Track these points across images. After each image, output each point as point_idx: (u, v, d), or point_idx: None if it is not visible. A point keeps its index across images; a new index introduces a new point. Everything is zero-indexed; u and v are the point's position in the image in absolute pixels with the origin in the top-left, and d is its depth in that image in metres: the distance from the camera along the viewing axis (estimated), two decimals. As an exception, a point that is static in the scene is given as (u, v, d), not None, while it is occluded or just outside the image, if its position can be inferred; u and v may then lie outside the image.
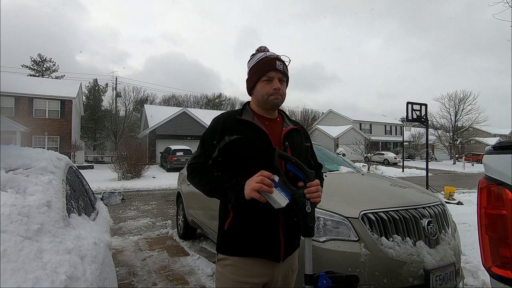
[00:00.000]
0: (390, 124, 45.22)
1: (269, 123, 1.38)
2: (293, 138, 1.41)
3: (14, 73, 29.05)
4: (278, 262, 1.29)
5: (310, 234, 1.18)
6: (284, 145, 1.34)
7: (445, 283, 2.15)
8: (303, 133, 1.50)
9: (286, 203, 1.14)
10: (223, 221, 1.33)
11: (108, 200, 2.81)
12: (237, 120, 1.34)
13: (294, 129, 1.44)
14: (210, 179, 1.27)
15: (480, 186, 1.29)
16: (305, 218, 1.17)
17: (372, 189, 2.83)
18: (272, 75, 1.34)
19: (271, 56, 1.37)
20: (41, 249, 1.00)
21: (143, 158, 16.95)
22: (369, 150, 25.82)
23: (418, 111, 9.83)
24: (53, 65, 38.60)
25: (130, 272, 3.52)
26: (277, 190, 1.14)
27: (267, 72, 1.34)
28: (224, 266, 1.30)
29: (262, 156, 1.27)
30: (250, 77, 1.41)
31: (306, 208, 1.17)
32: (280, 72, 1.35)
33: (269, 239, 1.27)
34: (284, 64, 1.38)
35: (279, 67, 1.35)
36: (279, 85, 1.34)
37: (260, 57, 1.38)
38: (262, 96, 1.36)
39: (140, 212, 7.42)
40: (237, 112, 1.39)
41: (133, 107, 39.01)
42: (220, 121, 1.35)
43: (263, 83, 1.35)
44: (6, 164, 1.49)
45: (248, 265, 1.27)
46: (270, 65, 1.34)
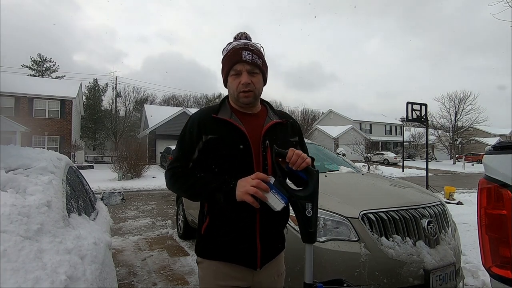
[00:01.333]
0: (390, 124, 45.22)
1: (249, 119, 1.26)
2: (277, 134, 1.26)
3: (14, 73, 29.08)
4: (254, 269, 1.22)
5: (311, 240, 1.09)
6: (264, 144, 1.21)
7: (445, 283, 2.15)
8: (290, 127, 1.35)
9: (281, 207, 1.06)
10: (200, 224, 1.27)
11: (108, 200, 2.81)
12: (213, 119, 1.23)
13: (278, 123, 1.29)
14: (193, 182, 1.17)
15: (480, 186, 1.29)
16: (306, 223, 1.07)
17: (372, 189, 2.83)
18: (239, 68, 1.20)
19: (237, 46, 1.22)
20: (41, 249, 1.00)
21: (143, 158, 16.94)
22: (369, 150, 25.82)
23: (418, 111, 9.83)
24: (53, 65, 38.64)
25: (130, 272, 3.52)
26: (271, 193, 1.06)
27: (234, 64, 1.21)
28: (203, 269, 1.26)
29: (240, 157, 1.18)
30: (222, 70, 1.29)
31: (306, 212, 1.07)
32: (248, 64, 1.19)
33: (244, 246, 1.20)
34: (254, 53, 1.21)
35: (246, 58, 1.18)
36: (248, 79, 1.19)
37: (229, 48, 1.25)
38: (233, 92, 1.24)
39: (140, 212, 7.42)
40: (213, 110, 1.27)
41: (133, 107, 39.01)
42: (195, 120, 1.25)
43: (232, 78, 1.23)
44: (6, 164, 1.49)
45: (225, 269, 1.21)
46: (236, 56, 1.20)
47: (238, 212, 1.16)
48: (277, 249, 1.31)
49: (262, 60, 1.25)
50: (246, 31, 1.32)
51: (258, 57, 1.23)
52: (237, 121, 1.23)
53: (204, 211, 1.25)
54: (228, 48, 1.26)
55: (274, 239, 1.28)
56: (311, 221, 1.07)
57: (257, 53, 1.23)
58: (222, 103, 1.31)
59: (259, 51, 1.26)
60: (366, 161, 24.38)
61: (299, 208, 1.08)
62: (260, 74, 1.24)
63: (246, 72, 1.20)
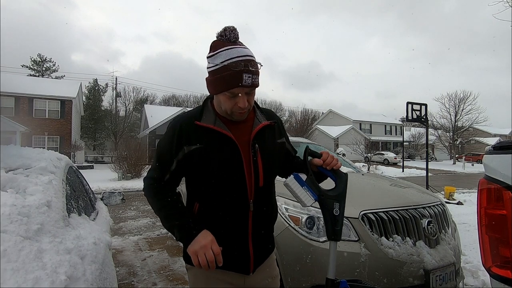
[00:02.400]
0: (390, 124, 45.23)
1: (236, 125, 1.16)
2: (265, 138, 1.20)
3: (14, 73, 29.08)
4: (247, 274, 1.19)
5: (337, 237, 1.13)
6: (254, 149, 1.14)
7: (445, 283, 2.15)
8: (277, 128, 1.28)
9: (311, 202, 1.13)
10: None
11: (108, 200, 2.81)
12: (196, 126, 1.12)
13: (266, 126, 1.21)
14: (161, 205, 1.13)
15: (480, 186, 1.29)
16: (332, 221, 1.12)
17: (372, 189, 2.83)
18: (237, 92, 1.05)
19: (237, 68, 1.02)
20: (41, 249, 1.00)
21: (143, 158, 16.93)
22: (369, 150, 25.82)
23: (418, 111, 9.84)
24: (53, 65, 38.64)
25: (130, 272, 3.52)
26: (303, 188, 1.13)
27: (231, 88, 1.04)
28: (194, 275, 1.21)
29: (229, 166, 1.11)
30: (209, 82, 1.11)
31: (334, 211, 1.12)
32: (247, 87, 1.05)
33: (237, 253, 1.16)
34: (253, 73, 1.05)
35: (247, 83, 1.03)
36: (245, 102, 1.08)
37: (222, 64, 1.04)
38: (224, 109, 1.12)
39: (140, 212, 7.42)
40: (195, 116, 1.14)
41: (133, 107, 39.04)
42: (176, 127, 1.13)
43: (225, 97, 1.08)
44: (6, 164, 1.49)
45: (217, 274, 1.16)
46: (235, 80, 1.03)
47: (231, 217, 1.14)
48: (268, 251, 1.28)
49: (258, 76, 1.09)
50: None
51: (256, 75, 1.07)
52: (222, 127, 1.12)
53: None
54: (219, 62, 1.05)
55: (265, 241, 1.25)
56: (337, 220, 1.12)
57: (256, 72, 1.07)
58: (204, 107, 1.18)
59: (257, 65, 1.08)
60: (366, 161, 24.39)
61: (328, 206, 1.12)
62: (254, 92, 1.12)
63: (244, 95, 1.08)
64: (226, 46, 1.05)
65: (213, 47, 1.08)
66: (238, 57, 1.04)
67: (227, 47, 1.05)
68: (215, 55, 1.06)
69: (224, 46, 1.06)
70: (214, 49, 1.07)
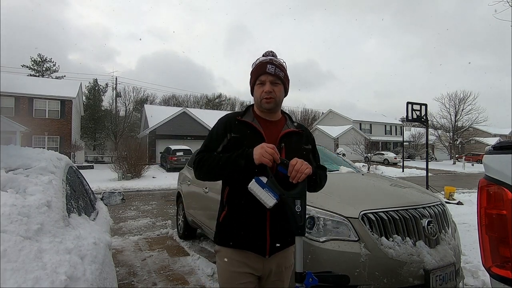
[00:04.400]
0: (390, 124, 45.23)
1: (269, 125, 1.45)
2: (291, 140, 1.44)
3: (14, 73, 29.09)
4: (264, 256, 1.36)
5: (301, 232, 1.21)
6: (280, 146, 1.38)
7: (445, 283, 2.15)
8: (305, 136, 1.52)
9: (273, 203, 1.20)
10: (219, 214, 1.45)
11: (108, 200, 2.81)
12: (238, 121, 1.44)
13: (293, 131, 1.47)
14: (219, 159, 1.34)
15: (480, 186, 1.29)
16: (295, 217, 1.21)
17: (372, 189, 2.83)
18: (263, 79, 1.40)
19: (264, 61, 1.43)
20: (41, 249, 1.00)
21: (143, 158, 16.95)
22: (369, 150, 25.83)
23: (418, 111, 9.84)
24: (53, 65, 38.64)
25: (130, 272, 3.52)
26: (265, 190, 1.20)
27: (259, 75, 1.41)
28: (220, 257, 1.42)
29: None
30: (250, 80, 1.50)
31: (295, 207, 1.21)
32: (271, 75, 1.39)
33: (255, 234, 1.35)
34: (277, 66, 1.41)
35: (270, 70, 1.39)
36: (270, 87, 1.39)
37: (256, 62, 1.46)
38: (257, 99, 1.45)
39: (140, 212, 7.42)
40: (239, 114, 1.48)
41: (133, 107, 39.04)
42: (223, 120, 1.46)
43: (257, 86, 1.43)
44: (6, 164, 1.49)
45: (239, 256, 1.37)
46: (262, 68, 1.41)
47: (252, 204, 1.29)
48: (286, 242, 1.41)
49: (284, 73, 1.45)
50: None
51: (280, 70, 1.42)
52: (257, 125, 1.42)
53: (224, 201, 1.43)
54: (256, 63, 1.47)
55: (283, 232, 1.39)
56: (300, 216, 1.21)
57: (279, 67, 1.43)
58: (247, 109, 1.52)
59: (282, 65, 1.45)
60: (366, 161, 24.39)
61: (289, 205, 1.21)
62: (281, 84, 1.43)
63: (269, 82, 1.40)
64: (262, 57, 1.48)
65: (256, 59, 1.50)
66: (266, 57, 1.47)
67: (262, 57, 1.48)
68: (255, 61, 1.48)
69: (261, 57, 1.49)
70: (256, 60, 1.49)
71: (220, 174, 1.37)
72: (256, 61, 1.49)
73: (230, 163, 1.30)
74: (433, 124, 32.86)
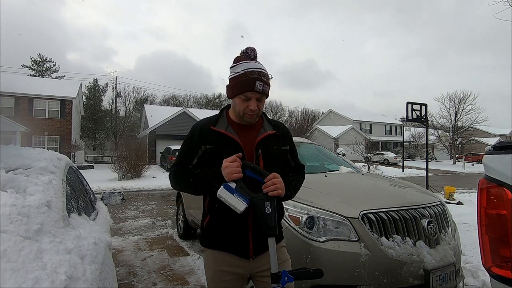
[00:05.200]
0: (390, 124, 45.23)
1: (245, 131, 1.40)
2: (269, 144, 1.40)
3: (14, 73, 29.08)
4: (248, 259, 1.36)
5: (273, 233, 1.22)
6: (257, 153, 1.36)
7: (445, 283, 2.15)
8: (282, 137, 1.47)
9: (244, 207, 1.20)
10: (203, 219, 1.46)
11: (108, 200, 2.81)
12: (211, 130, 1.37)
13: (271, 135, 1.41)
14: (194, 177, 1.34)
15: (480, 186, 1.29)
16: (265, 219, 1.21)
17: (372, 189, 2.83)
18: (250, 96, 1.31)
19: (252, 76, 1.30)
20: (41, 249, 1.00)
21: (143, 158, 16.94)
22: (369, 150, 25.83)
23: (418, 111, 9.83)
24: (53, 65, 38.64)
25: (130, 272, 3.52)
26: (234, 196, 1.21)
27: (246, 91, 1.31)
28: (206, 256, 1.45)
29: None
30: (229, 87, 1.38)
31: (265, 209, 1.21)
32: (258, 93, 1.31)
33: (237, 239, 1.35)
34: (265, 83, 1.32)
35: (258, 89, 1.30)
36: (255, 106, 1.32)
37: (242, 72, 1.32)
38: (238, 111, 1.36)
39: (140, 212, 7.42)
40: (211, 122, 1.41)
41: (133, 107, 39.01)
42: (197, 129, 1.41)
43: (240, 99, 1.33)
44: (6, 164, 1.49)
45: (224, 256, 1.38)
46: (249, 85, 1.30)
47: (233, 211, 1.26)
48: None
49: (269, 86, 1.36)
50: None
51: (267, 85, 1.34)
52: (232, 133, 1.37)
53: (205, 209, 1.43)
54: (239, 71, 1.32)
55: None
56: (271, 217, 1.22)
57: (267, 82, 1.33)
58: (220, 115, 1.44)
59: (268, 78, 1.35)
60: (366, 161, 24.39)
61: (260, 207, 1.22)
62: (265, 97, 1.36)
63: (255, 100, 1.32)
64: (246, 60, 1.34)
65: (236, 60, 1.37)
66: (254, 68, 1.32)
67: (247, 61, 1.34)
68: (237, 66, 1.34)
69: (244, 60, 1.35)
70: (237, 61, 1.36)
71: (195, 192, 1.39)
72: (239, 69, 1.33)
73: (204, 184, 1.32)
74: (433, 124, 32.85)
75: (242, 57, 1.36)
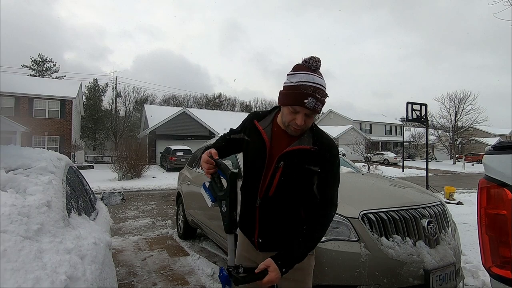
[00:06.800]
0: (390, 124, 45.22)
1: (281, 136, 1.35)
2: (295, 158, 1.30)
3: (14, 73, 29.08)
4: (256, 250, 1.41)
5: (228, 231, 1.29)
6: (278, 165, 1.31)
7: (445, 283, 2.15)
8: (316, 154, 1.31)
9: (210, 204, 1.35)
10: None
11: (108, 200, 2.81)
12: (254, 124, 1.41)
13: (303, 149, 1.31)
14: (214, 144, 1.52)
15: (480, 186, 1.29)
16: (223, 218, 1.30)
17: (372, 189, 2.83)
18: (298, 110, 1.24)
19: (305, 90, 1.20)
20: (41, 249, 1.00)
21: (143, 158, 16.93)
22: (369, 150, 25.80)
23: (418, 111, 9.83)
24: (53, 65, 38.66)
25: (130, 272, 3.52)
26: (206, 194, 1.37)
27: (295, 104, 1.23)
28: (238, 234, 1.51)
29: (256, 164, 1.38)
30: (281, 94, 1.30)
31: (222, 208, 1.29)
32: (308, 109, 1.22)
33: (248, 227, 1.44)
34: (318, 100, 1.22)
35: (309, 105, 1.20)
36: (302, 121, 1.25)
37: (296, 83, 1.23)
38: (285, 121, 1.31)
39: (140, 212, 7.42)
40: (259, 117, 1.44)
41: (133, 107, 39.02)
42: (247, 119, 1.49)
43: (288, 110, 1.27)
44: (6, 164, 1.49)
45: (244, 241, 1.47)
46: (300, 100, 1.21)
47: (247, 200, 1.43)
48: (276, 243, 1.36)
49: (323, 103, 1.26)
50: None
51: (320, 102, 1.24)
52: (267, 135, 1.36)
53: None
54: (294, 81, 1.23)
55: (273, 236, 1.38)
56: (225, 216, 1.29)
57: (321, 100, 1.23)
58: (271, 111, 1.45)
59: (325, 95, 1.25)
60: (366, 161, 24.38)
61: (220, 205, 1.30)
62: (313, 115, 1.28)
63: (303, 115, 1.24)
64: (305, 71, 1.24)
65: (295, 68, 1.27)
66: (311, 82, 1.22)
67: (306, 72, 1.24)
68: (294, 75, 1.25)
69: (304, 70, 1.24)
70: (295, 70, 1.26)
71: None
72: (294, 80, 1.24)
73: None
74: (433, 124, 32.83)
75: (302, 66, 1.26)
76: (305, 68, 1.25)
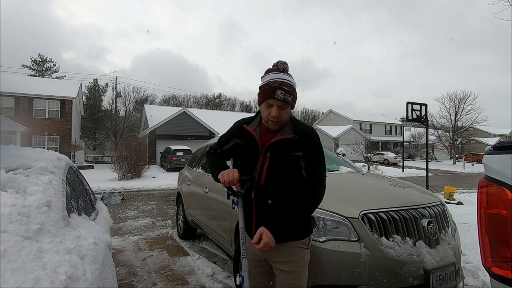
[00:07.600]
0: (390, 124, 45.22)
1: (268, 134, 1.55)
2: (281, 148, 1.50)
3: (14, 73, 29.08)
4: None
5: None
6: (265, 156, 1.50)
7: (445, 283, 2.15)
8: (297, 142, 1.50)
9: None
10: None
11: (108, 200, 2.81)
12: (243, 128, 1.60)
13: (285, 139, 1.50)
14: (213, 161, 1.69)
15: (480, 186, 1.29)
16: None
17: (372, 189, 2.82)
18: (271, 103, 1.46)
19: (274, 85, 1.44)
20: (41, 249, 1.00)
21: (143, 158, 16.93)
22: (369, 150, 25.79)
23: (418, 111, 9.83)
24: (53, 65, 38.65)
25: (130, 272, 3.52)
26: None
27: (267, 99, 1.46)
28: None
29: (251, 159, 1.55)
30: (258, 95, 1.54)
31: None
32: (279, 101, 1.44)
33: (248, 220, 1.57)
34: (287, 92, 1.44)
35: (279, 97, 1.43)
36: (277, 112, 1.46)
37: (267, 81, 1.47)
38: (263, 117, 1.53)
39: (140, 212, 7.42)
40: (247, 122, 1.63)
41: (133, 107, 39.01)
42: (235, 125, 1.67)
43: (264, 106, 1.50)
44: (6, 164, 1.49)
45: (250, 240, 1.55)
46: (271, 93, 1.45)
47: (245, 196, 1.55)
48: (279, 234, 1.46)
49: (293, 96, 1.48)
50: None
51: (289, 94, 1.46)
52: (257, 134, 1.56)
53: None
54: (265, 81, 1.49)
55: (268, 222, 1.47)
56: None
57: (289, 92, 1.45)
58: (256, 115, 1.64)
59: (292, 87, 1.48)
60: (366, 161, 24.37)
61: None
62: (289, 107, 1.49)
63: (277, 106, 1.46)
64: (274, 72, 1.49)
65: (266, 71, 1.53)
66: (277, 78, 1.46)
67: (274, 72, 1.49)
68: (265, 76, 1.51)
69: (273, 72, 1.50)
70: (266, 73, 1.52)
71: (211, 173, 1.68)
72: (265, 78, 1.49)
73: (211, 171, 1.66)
74: (433, 124, 32.84)
75: (272, 69, 1.51)
76: (273, 70, 1.50)
